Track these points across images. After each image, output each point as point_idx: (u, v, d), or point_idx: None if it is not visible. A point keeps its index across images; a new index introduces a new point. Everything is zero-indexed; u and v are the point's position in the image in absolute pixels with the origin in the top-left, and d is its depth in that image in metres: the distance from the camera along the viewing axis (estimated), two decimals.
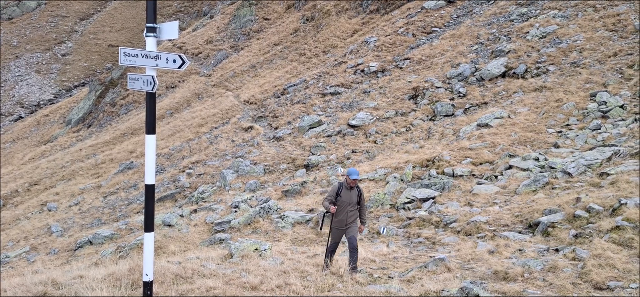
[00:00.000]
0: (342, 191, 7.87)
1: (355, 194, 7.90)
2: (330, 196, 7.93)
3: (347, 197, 7.84)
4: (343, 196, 7.83)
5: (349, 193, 7.85)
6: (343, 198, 7.82)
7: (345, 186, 7.87)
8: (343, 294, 6.23)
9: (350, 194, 7.87)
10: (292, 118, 22.49)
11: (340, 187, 7.89)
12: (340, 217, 7.82)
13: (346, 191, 7.86)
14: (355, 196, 7.90)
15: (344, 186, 7.90)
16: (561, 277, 6.52)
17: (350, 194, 7.86)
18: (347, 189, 7.86)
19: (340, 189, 7.87)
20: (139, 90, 4.95)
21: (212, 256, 8.42)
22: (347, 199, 7.84)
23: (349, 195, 7.85)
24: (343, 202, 7.82)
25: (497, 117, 15.98)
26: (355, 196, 7.90)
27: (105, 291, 5.76)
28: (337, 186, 7.98)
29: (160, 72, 36.09)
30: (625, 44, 17.47)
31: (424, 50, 23.82)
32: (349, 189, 7.86)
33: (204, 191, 17.13)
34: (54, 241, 16.25)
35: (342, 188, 7.89)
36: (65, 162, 29.74)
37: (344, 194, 7.84)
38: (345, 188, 7.88)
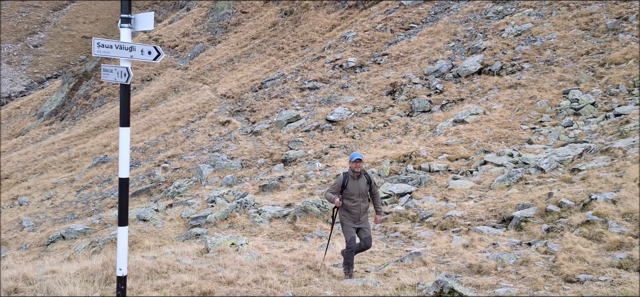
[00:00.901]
0: (348, 181, 7.05)
1: (363, 182, 7.07)
2: (334, 188, 7.14)
3: (355, 188, 7.02)
4: (350, 187, 7.02)
5: (356, 183, 7.03)
6: (351, 190, 7.01)
7: (351, 175, 7.07)
8: (320, 288, 6.24)
9: (358, 184, 7.04)
10: (269, 112, 22.41)
11: (345, 178, 7.07)
12: (352, 212, 7.03)
13: (353, 180, 7.05)
14: (364, 184, 7.07)
15: (350, 176, 7.10)
16: (533, 270, 6.65)
17: (358, 183, 7.03)
18: (353, 179, 7.05)
19: (346, 180, 7.05)
20: (112, 82, 4.87)
21: (188, 251, 8.35)
22: (356, 189, 7.02)
23: (357, 185, 7.03)
24: (351, 194, 7.01)
25: (473, 114, 16.18)
26: (364, 184, 7.07)
27: (78, 286, 5.66)
28: (343, 177, 7.12)
29: (136, 65, 35.55)
30: (597, 43, 17.86)
31: (402, 46, 23.97)
32: (356, 177, 7.03)
33: (180, 185, 16.96)
34: (26, 235, 15.91)
35: (348, 178, 7.09)
36: (37, 156, 29.12)
37: (351, 185, 7.03)
38: (351, 178, 7.07)
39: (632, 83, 14.99)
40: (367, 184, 7.11)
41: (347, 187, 7.02)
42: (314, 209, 11.57)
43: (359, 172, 7.03)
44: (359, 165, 7.00)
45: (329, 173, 14.82)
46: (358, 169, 7.00)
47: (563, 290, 5.91)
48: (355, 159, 6.99)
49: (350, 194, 7.01)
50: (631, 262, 6.35)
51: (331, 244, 9.10)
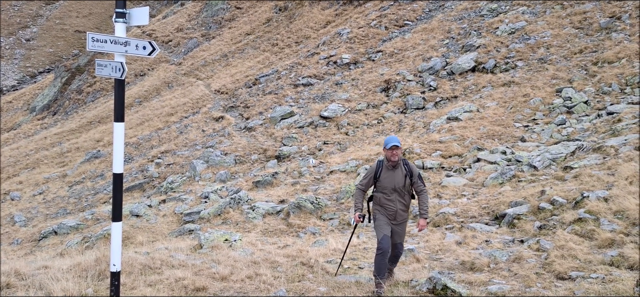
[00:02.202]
0: (381, 172, 5.93)
1: (401, 174, 5.87)
2: (365, 179, 6.06)
3: (389, 181, 5.86)
4: (384, 179, 5.89)
5: (391, 174, 5.86)
6: (384, 182, 5.88)
7: (386, 164, 5.90)
8: (313, 285, 6.25)
9: (394, 176, 5.85)
10: (263, 108, 22.38)
11: (379, 167, 5.95)
12: (386, 207, 5.94)
13: (388, 171, 5.88)
14: (402, 177, 5.86)
15: (384, 164, 5.95)
16: (525, 267, 6.70)
17: (394, 174, 5.85)
18: (388, 169, 5.89)
19: (380, 170, 5.94)
20: (107, 76, 4.85)
21: (181, 247, 8.34)
22: (390, 182, 5.85)
23: (392, 177, 5.85)
24: (385, 187, 5.87)
25: (466, 111, 16.23)
26: (401, 177, 5.86)
27: (71, 282, 5.64)
28: (376, 165, 6.01)
29: (129, 60, 35.39)
30: (591, 42, 17.95)
31: (396, 43, 23.99)
32: (392, 168, 5.85)
33: (173, 181, 16.92)
34: (17, 231, 15.82)
35: (382, 168, 5.95)
36: (29, 151, 28.93)
37: (385, 177, 5.89)
38: (385, 167, 5.92)
39: (624, 82, 15.09)
40: (406, 177, 5.86)
41: (380, 179, 5.88)
42: (308, 205, 11.58)
43: (395, 161, 5.79)
44: (396, 153, 5.74)
45: (323, 169, 14.83)
46: (394, 158, 5.75)
47: (555, 287, 5.95)
48: (390, 145, 5.75)
49: (383, 186, 5.88)
50: (622, 260, 6.41)
51: (324, 240, 9.12)
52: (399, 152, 5.83)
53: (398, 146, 5.81)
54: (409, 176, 5.94)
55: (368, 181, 6.10)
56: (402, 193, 5.93)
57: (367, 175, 6.11)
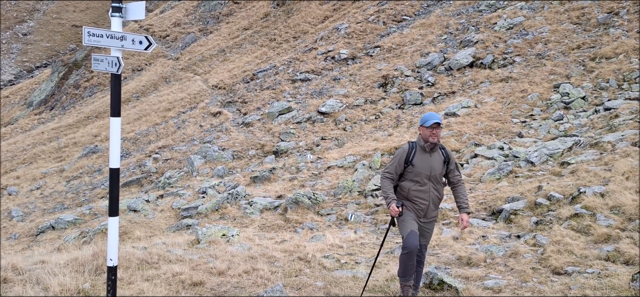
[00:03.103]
0: (415, 155, 4.98)
1: (438, 159, 5.02)
2: (392, 167, 5.04)
3: (425, 165, 4.96)
4: (418, 164, 4.96)
5: (427, 158, 4.97)
6: (418, 167, 4.95)
7: (421, 145, 4.99)
8: (310, 279, 6.27)
9: (431, 160, 4.97)
10: (261, 104, 22.36)
11: (412, 149, 5.00)
12: (416, 201, 5.00)
13: (423, 154, 4.98)
14: (440, 163, 5.02)
15: (418, 146, 5.02)
16: (522, 262, 6.72)
17: (431, 159, 4.98)
18: (424, 151, 4.98)
19: (413, 153, 4.98)
20: (103, 71, 4.84)
21: (178, 242, 8.34)
22: (426, 167, 4.96)
23: (429, 161, 4.97)
24: (418, 173, 4.94)
25: (464, 107, 16.24)
26: (439, 162, 5.01)
27: (68, 277, 5.64)
28: (407, 147, 5.04)
29: (126, 55, 35.31)
30: (588, 37, 17.97)
31: (394, 38, 23.97)
32: (429, 150, 4.96)
33: (170, 176, 16.91)
34: (15, 225, 15.81)
35: (415, 150, 5.00)
36: (26, 145, 28.87)
37: (419, 161, 4.96)
38: (419, 149, 5.00)
39: (622, 78, 15.11)
40: (444, 164, 5.04)
41: (413, 163, 4.94)
42: (305, 200, 11.59)
43: (435, 143, 4.92)
44: (437, 132, 4.87)
45: (320, 165, 14.83)
46: (435, 139, 4.88)
47: (551, 282, 5.98)
48: (431, 122, 4.85)
49: (416, 173, 4.94)
50: (618, 255, 6.44)
51: (322, 236, 9.13)
52: (440, 133, 4.91)
53: (440, 124, 4.87)
54: (446, 162, 5.04)
55: (397, 167, 5.00)
56: (438, 182, 5.01)
57: (396, 159, 5.02)
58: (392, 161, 5.12)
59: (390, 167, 5.11)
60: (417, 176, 4.98)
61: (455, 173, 5.18)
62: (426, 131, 4.95)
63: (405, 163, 5.00)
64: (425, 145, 4.99)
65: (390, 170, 5.11)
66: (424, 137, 5.00)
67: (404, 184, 5.09)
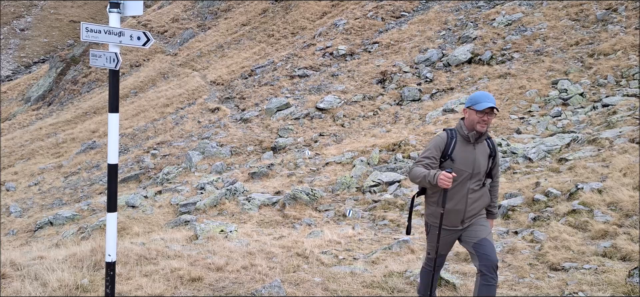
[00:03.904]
0: (455, 146, 4.00)
1: (484, 151, 4.06)
2: (427, 158, 4.01)
3: (467, 159, 3.99)
4: (459, 157, 3.98)
5: (471, 150, 4.00)
6: (459, 161, 3.97)
7: (464, 134, 4.00)
8: (308, 275, 6.28)
9: (475, 153, 4.01)
10: (259, 100, 22.35)
11: (451, 139, 4.02)
12: (452, 203, 4.02)
13: (466, 145, 4.00)
14: (485, 157, 4.06)
15: (459, 135, 4.03)
16: (519, 258, 6.74)
17: (475, 151, 4.01)
18: (466, 142, 4.00)
19: (452, 143, 4.00)
20: (101, 67, 4.83)
21: (177, 238, 8.35)
22: (468, 162, 3.98)
23: (473, 154, 4.00)
24: (459, 170, 3.96)
25: (462, 103, 16.25)
26: (484, 155, 4.05)
27: (66, 272, 5.65)
28: (446, 136, 4.05)
29: (124, 50, 35.25)
30: (587, 34, 17.98)
31: (392, 34, 23.96)
32: (474, 139, 3.98)
33: (169, 172, 16.91)
34: (13, 221, 15.80)
35: (456, 140, 4.02)
36: (24, 141, 28.83)
37: (461, 153, 3.99)
38: (461, 139, 4.02)
39: (620, 74, 15.13)
40: (490, 159, 4.08)
41: (453, 157, 3.96)
42: (303, 196, 11.60)
43: (484, 131, 3.95)
44: (490, 119, 3.92)
45: (318, 161, 14.83)
46: (484, 127, 3.92)
47: (548, 278, 6.00)
48: (486, 105, 3.86)
49: (457, 168, 3.95)
50: (615, 251, 6.46)
51: (320, 231, 9.15)
52: (490, 116, 3.90)
53: (495, 109, 3.90)
54: (492, 156, 4.10)
55: (433, 159, 3.99)
56: (481, 182, 4.05)
57: (433, 151, 4.01)
58: (427, 151, 4.06)
59: (424, 158, 4.04)
60: (458, 174, 3.93)
61: (497, 171, 4.25)
62: (475, 116, 3.91)
63: (442, 156, 3.99)
64: (470, 134, 3.96)
65: (424, 160, 4.03)
66: (469, 124, 3.98)
67: None
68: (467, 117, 4.03)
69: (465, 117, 4.07)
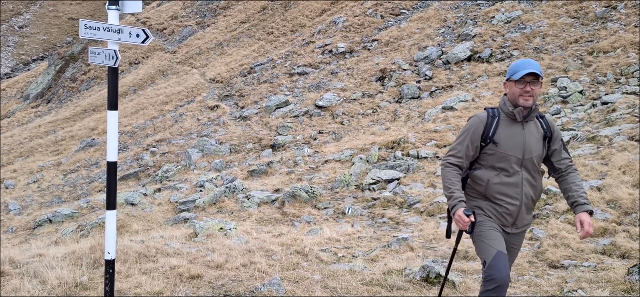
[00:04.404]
0: (497, 127, 3.33)
1: (536, 132, 3.36)
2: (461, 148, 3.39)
3: (514, 143, 3.30)
4: (504, 140, 3.31)
5: (519, 131, 3.33)
6: (504, 145, 3.30)
7: (508, 111, 3.36)
8: (308, 273, 6.28)
9: (525, 135, 3.33)
10: (258, 97, 22.33)
11: (492, 118, 3.37)
12: (500, 201, 3.35)
13: (511, 126, 3.34)
14: (539, 139, 3.36)
15: (503, 113, 3.38)
16: (518, 256, 6.74)
17: (525, 133, 3.33)
18: (512, 121, 3.35)
19: (495, 124, 3.34)
20: (100, 64, 4.82)
21: (176, 235, 8.34)
22: (516, 146, 3.30)
23: (521, 134, 3.32)
24: (505, 155, 3.30)
25: (461, 101, 16.25)
26: (536, 136, 3.35)
27: (65, 270, 5.64)
28: (484, 115, 3.41)
29: (123, 48, 35.20)
30: (586, 31, 17.97)
31: (392, 32, 23.94)
32: (521, 117, 3.32)
33: (168, 169, 16.90)
34: (12, 219, 15.79)
35: (498, 120, 3.36)
36: (23, 139, 28.80)
37: (505, 135, 3.32)
38: (505, 118, 3.37)
39: (619, 72, 15.13)
40: (545, 141, 3.37)
41: (495, 140, 3.29)
42: (302, 194, 11.60)
43: (530, 105, 3.29)
44: (535, 90, 3.26)
45: (317, 159, 14.83)
46: (529, 100, 3.28)
47: (547, 275, 6.01)
48: (524, 71, 3.24)
49: (501, 156, 3.29)
50: (614, 249, 6.47)
51: (319, 229, 9.15)
52: (538, 90, 3.28)
53: (539, 77, 3.27)
54: (547, 137, 3.38)
55: (468, 147, 3.35)
56: (535, 170, 3.37)
57: (467, 135, 3.36)
58: (461, 138, 3.41)
59: (456, 148, 3.41)
60: (502, 161, 3.28)
61: (562, 155, 3.46)
62: (515, 88, 3.27)
63: (482, 141, 3.32)
64: (515, 111, 3.30)
65: (457, 153, 3.40)
66: (511, 99, 3.34)
67: (480, 173, 3.38)
68: (509, 92, 3.40)
69: (507, 92, 3.45)
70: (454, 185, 3.37)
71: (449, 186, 3.38)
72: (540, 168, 3.47)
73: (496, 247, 3.31)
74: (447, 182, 3.43)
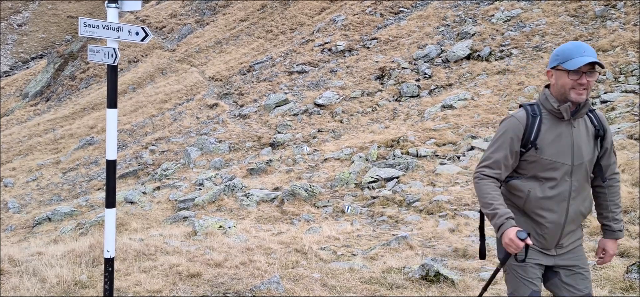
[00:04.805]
0: (540, 127, 2.75)
1: (586, 130, 2.79)
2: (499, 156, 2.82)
3: (560, 147, 2.73)
4: (547, 143, 2.74)
5: (567, 131, 2.75)
6: (548, 151, 2.73)
7: (552, 108, 2.75)
8: (307, 271, 6.28)
9: (574, 135, 2.75)
10: (258, 96, 22.32)
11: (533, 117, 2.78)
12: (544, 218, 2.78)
13: (556, 124, 2.75)
14: (590, 139, 2.79)
15: (546, 110, 2.79)
16: None
17: (573, 133, 2.75)
18: (557, 120, 2.75)
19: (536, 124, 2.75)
20: (99, 62, 4.81)
21: (175, 234, 8.34)
22: (563, 150, 2.73)
23: (569, 136, 2.74)
24: (551, 163, 2.73)
25: (461, 99, 16.25)
26: (588, 137, 2.78)
27: (65, 268, 5.64)
28: (523, 115, 2.81)
29: (123, 46, 35.16)
30: (586, 30, 17.98)
31: (391, 30, 23.93)
32: (569, 115, 2.72)
33: (167, 168, 16.89)
34: (11, 217, 15.78)
35: (540, 119, 2.77)
36: (22, 137, 28.77)
37: (550, 138, 2.74)
38: (548, 116, 2.77)
39: (618, 70, 15.14)
40: (596, 140, 2.81)
41: (537, 145, 2.73)
42: (302, 192, 11.60)
43: (583, 101, 2.72)
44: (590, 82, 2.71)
45: (317, 157, 14.83)
46: (582, 95, 2.71)
47: None
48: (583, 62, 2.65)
49: (545, 164, 2.74)
50: None
51: (318, 227, 9.15)
52: (592, 81, 2.71)
53: (599, 65, 2.70)
54: (599, 137, 2.83)
55: (507, 156, 2.78)
56: (585, 177, 2.81)
57: (505, 140, 2.79)
58: (496, 145, 2.83)
59: (492, 157, 2.82)
60: (546, 169, 2.72)
61: (611, 159, 2.91)
62: (567, 80, 2.68)
63: (522, 146, 2.75)
64: (563, 107, 2.69)
65: (492, 164, 2.81)
66: (558, 92, 2.73)
67: (519, 184, 2.82)
68: (555, 82, 2.75)
69: (551, 82, 2.80)
70: (496, 199, 2.75)
71: (490, 201, 2.76)
72: (589, 173, 2.85)
73: (531, 287, 2.81)
74: (486, 197, 2.79)
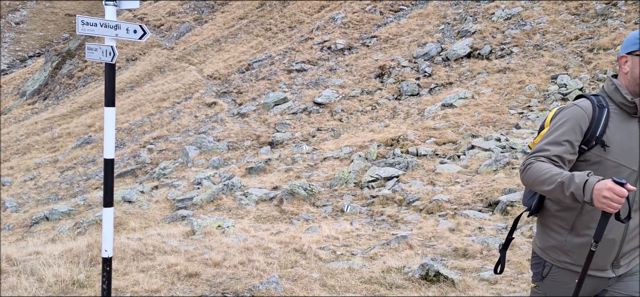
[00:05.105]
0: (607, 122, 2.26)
1: None
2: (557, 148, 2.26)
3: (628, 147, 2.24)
4: (615, 140, 2.24)
5: (635, 129, 2.26)
6: (615, 150, 2.24)
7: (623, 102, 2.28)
8: (306, 271, 6.24)
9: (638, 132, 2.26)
10: (256, 94, 22.27)
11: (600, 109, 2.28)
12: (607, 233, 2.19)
13: (625, 120, 2.28)
14: None
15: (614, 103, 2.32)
16: (518, 254, 6.71)
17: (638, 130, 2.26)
18: (626, 115, 2.28)
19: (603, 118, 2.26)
20: (97, 60, 4.76)
21: (173, 233, 8.30)
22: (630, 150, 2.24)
23: (637, 135, 2.25)
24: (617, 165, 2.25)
25: (461, 98, 16.21)
26: None
27: (62, 268, 5.60)
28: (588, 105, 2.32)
29: (121, 44, 35.07)
30: (587, 28, 17.95)
31: (391, 28, 23.88)
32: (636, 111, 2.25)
33: (165, 167, 16.84)
34: (8, 216, 15.72)
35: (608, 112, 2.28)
36: (19, 136, 28.69)
37: (617, 134, 2.25)
38: (616, 111, 2.30)
39: (619, 69, 15.13)
40: None
41: (604, 141, 2.25)
42: (301, 192, 11.55)
43: None
44: None
45: (316, 156, 14.78)
46: None
47: None
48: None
49: (610, 165, 2.27)
50: None
51: (317, 227, 9.11)
52: None
53: None
54: None
55: (567, 148, 2.29)
56: None
57: (569, 129, 2.31)
58: (555, 134, 2.34)
59: (547, 149, 2.31)
60: (608, 174, 2.25)
61: None
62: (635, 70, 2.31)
63: (585, 142, 2.31)
64: (638, 100, 2.28)
65: (549, 154, 2.30)
66: (631, 83, 2.32)
67: None
68: (630, 70, 2.33)
69: (623, 71, 2.39)
70: (555, 169, 2.21)
71: (550, 170, 2.20)
72: None
73: None
74: (543, 172, 2.21)
